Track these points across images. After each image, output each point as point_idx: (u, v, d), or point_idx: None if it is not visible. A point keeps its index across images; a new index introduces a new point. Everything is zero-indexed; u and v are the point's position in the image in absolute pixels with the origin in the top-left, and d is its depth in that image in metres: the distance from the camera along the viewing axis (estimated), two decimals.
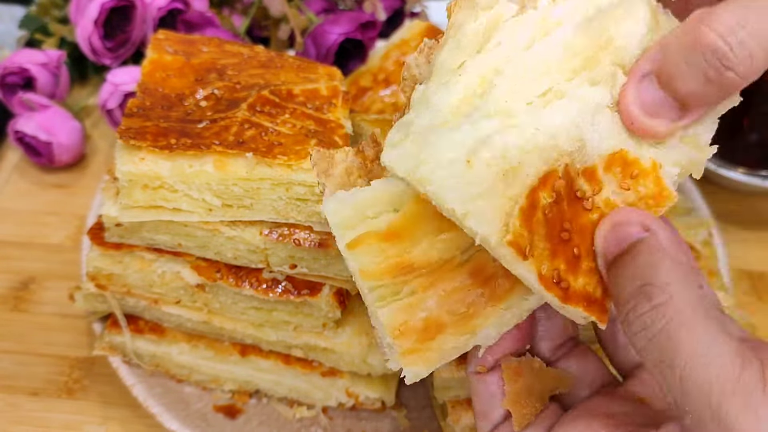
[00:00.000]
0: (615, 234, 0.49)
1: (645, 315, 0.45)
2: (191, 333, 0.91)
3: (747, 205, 1.22)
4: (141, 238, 0.82)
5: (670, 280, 0.45)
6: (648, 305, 0.45)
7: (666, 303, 0.44)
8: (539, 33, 0.50)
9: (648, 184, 0.50)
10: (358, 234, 0.50)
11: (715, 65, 0.47)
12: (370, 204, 0.50)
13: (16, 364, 0.98)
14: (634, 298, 0.46)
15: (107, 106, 1.20)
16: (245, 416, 0.91)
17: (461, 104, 0.48)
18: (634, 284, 0.46)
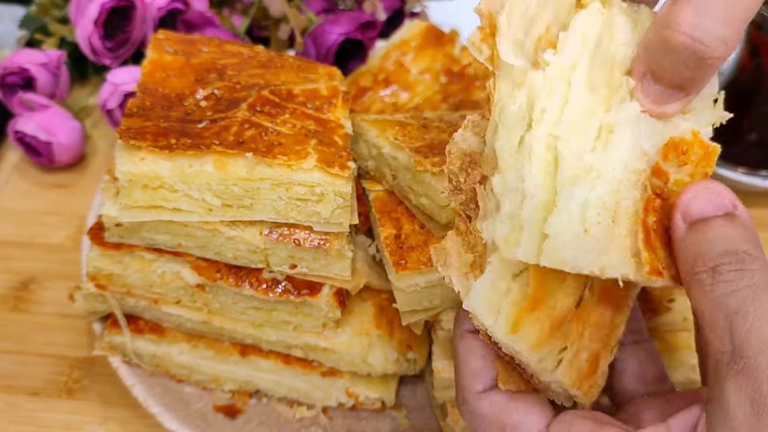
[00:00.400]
0: (712, 198, 0.53)
1: (736, 272, 0.49)
2: (191, 333, 0.91)
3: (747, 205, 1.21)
4: (141, 238, 0.82)
5: (760, 255, 0.50)
6: (741, 265, 0.49)
7: (758, 270, 0.49)
8: (565, 86, 0.54)
9: (697, 151, 0.55)
10: (506, 316, 0.54)
11: (693, 59, 0.51)
12: (498, 285, 0.54)
13: (16, 364, 0.98)
14: (729, 256, 0.50)
15: (107, 106, 1.20)
16: (245, 416, 0.91)
17: (546, 181, 0.52)
18: (729, 245, 0.50)
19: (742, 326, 0.47)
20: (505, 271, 0.54)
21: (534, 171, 0.52)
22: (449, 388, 0.84)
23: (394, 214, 0.87)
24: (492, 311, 0.54)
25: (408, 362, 0.90)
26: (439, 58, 1.11)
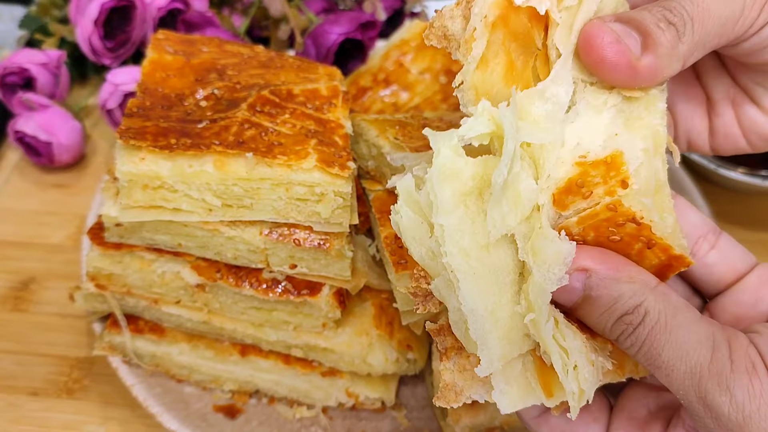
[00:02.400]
0: (563, 290, 0.52)
1: (630, 336, 0.52)
2: (191, 333, 0.91)
3: (747, 205, 1.22)
4: (141, 238, 0.82)
5: (636, 301, 0.51)
6: (630, 328, 0.51)
7: (643, 322, 0.51)
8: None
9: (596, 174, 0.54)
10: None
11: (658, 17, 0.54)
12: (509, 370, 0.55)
13: (16, 364, 0.98)
14: (617, 329, 0.52)
15: (107, 106, 1.20)
16: (245, 416, 0.91)
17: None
18: (610, 320, 0.52)
19: (662, 377, 0.51)
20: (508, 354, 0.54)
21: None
22: None
23: None
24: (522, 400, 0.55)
25: (408, 362, 0.90)
26: (438, 57, 1.11)
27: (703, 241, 0.60)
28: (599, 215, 0.53)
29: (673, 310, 0.51)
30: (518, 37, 0.55)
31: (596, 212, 0.53)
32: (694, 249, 0.59)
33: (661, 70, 0.54)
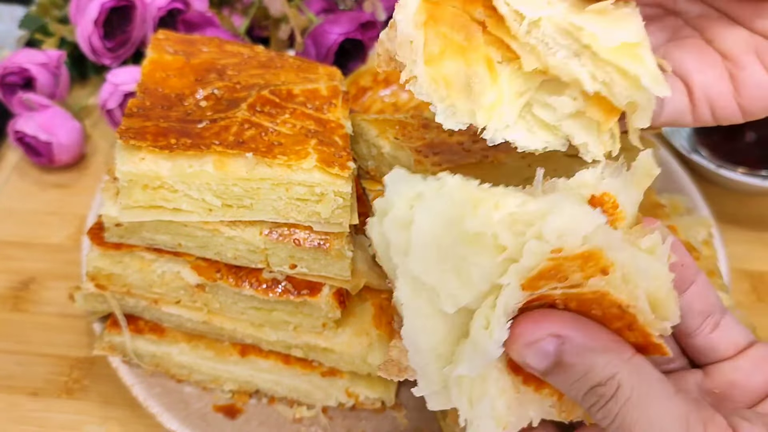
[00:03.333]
0: (533, 354, 0.50)
1: (602, 409, 0.49)
2: (191, 333, 0.91)
3: (747, 205, 1.22)
4: (141, 238, 0.82)
5: (609, 373, 0.49)
6: (602, 401, 0.49)
7: (615, 395, 0.48)
8: None
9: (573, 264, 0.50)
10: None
11: None
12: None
13: (16, 364, 0.98)
14: (589, 399, 0.50)
15: (107, 106, 1.20)
16: (245, 416, 0.91)
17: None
18: (582, 390, 0.50)
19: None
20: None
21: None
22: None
23: None
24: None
25: None
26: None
27: (710, 319, 0.57)
28: (583, 296, 0.50)
29: (648, 385, 0.49)
30: (454, 23, 0.54)
31: (580, 293, 0.49)
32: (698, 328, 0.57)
33: None
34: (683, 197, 1.07)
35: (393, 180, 0.51)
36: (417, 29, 0.54)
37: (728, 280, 0.97)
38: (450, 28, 0.54)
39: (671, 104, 0.62)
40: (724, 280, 0.95)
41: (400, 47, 0.55)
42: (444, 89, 0.53)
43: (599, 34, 0.52)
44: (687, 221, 1.01)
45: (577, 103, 0.54)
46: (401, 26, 0.55)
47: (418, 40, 0.53)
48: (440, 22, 0.54)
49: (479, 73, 0.53)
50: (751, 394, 0.55)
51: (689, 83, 0.63)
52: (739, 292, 1.10)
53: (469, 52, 0.54)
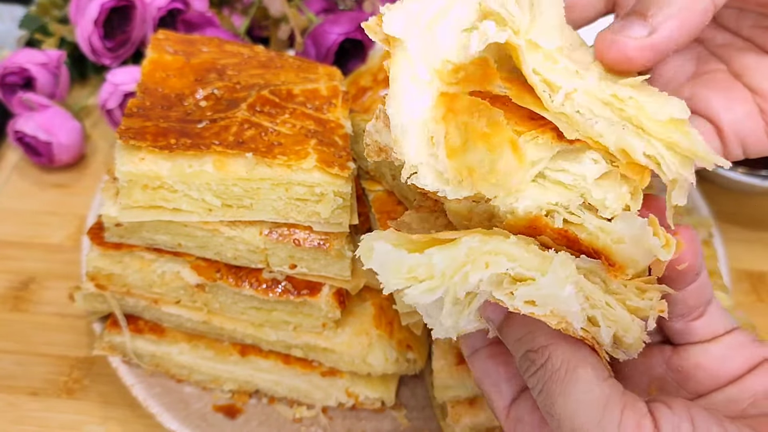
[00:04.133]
0: (491, 307, 0.53)
1: (532, 376, 0.51)
2: (191, 333, 0.91)
3: (747, 205, 1.22)
4: (141, 238, 0.82)
5: (544, 342, 0.51)
6: (533, 367, 0.51)
7: (545, 364, 0.50)
8: None
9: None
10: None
11: None
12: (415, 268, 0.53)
13: (16, 364, 0.98)
14: (523, 363, 0.52)
15: (107, 106, 1.20)
16: (245, 416, 0.91)
17: None
18: (519, 351, 0.52)
19: (553, 424, 0.50)
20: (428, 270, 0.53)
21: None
22: (449, 388, 0.84)
23: (393, 214, 0.87)
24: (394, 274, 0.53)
25: (408, 362, 0.90)
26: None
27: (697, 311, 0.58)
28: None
29: (577, 363, 0.49)
30: (474, 111, 0.53)
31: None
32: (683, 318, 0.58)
33: (681, 22, 0.53)
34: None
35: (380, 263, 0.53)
36: (437, 124, 0.53)
37: (728, 280, 0.97)
38: (470, 116, 0.53)
39: None
40: (724, 280, 0.95)
41: (398, 143, 0.54)
42: (468, 179, 0.52)
43: (647, 107, 0.52)
44: (687, 221, 1.01)
45: (601, 166, 0.53)
46: (401, 123, 0.54)
47: (439, 134, 0.52)
48: (460, 113, 0.53)
49: (505, 157, 0.53)
50: (715, 378, 0.55)
51: (718, 123, 0.63)
52: (739, 292, 1.10)
53: (492, 137, 0.53)
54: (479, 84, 0.54)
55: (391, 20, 0.55)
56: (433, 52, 0.56)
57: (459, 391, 0.84)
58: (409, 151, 0.54)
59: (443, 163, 0.52)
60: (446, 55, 0.56)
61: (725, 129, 0.63)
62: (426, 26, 0.56)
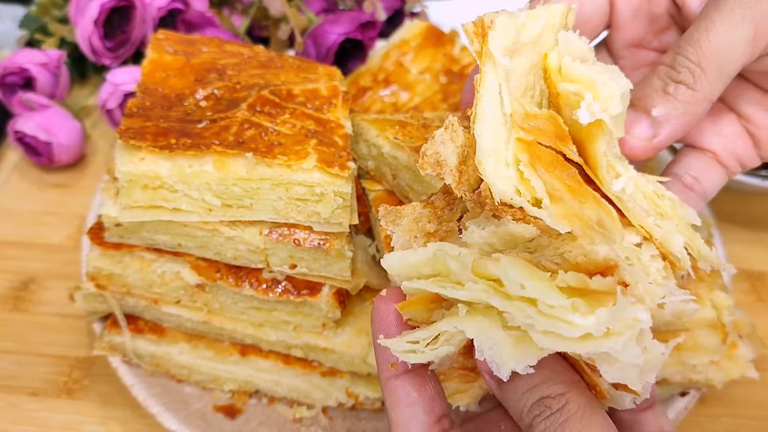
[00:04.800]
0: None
1: (545, 420, 0.51)
2: (191, 333, 0.91)
3: (747, 205, 1.22)
4: (141, 238, 0.82)
5: (561, 390, 0.52)
6: (547, 412, 0.51)
7: (561, 409, 0.51)
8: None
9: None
10: (410, 290, 0.55)
11: (665, 80, 0.58)
12: (423, 265, 0.54)
13: (16, 364, 0.98)
14: (536, 409, 0.52)
15: (107, 106, 1.20)
16: (245, 416, 0.91)
17: None
18: (532, 398, 0.52)
19: None
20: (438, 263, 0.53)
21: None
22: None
23: None
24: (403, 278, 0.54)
25: None
26: (439, 57, 1.11)
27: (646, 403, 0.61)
28: None
29: (592, 409, 0.51)
30: (554, 164, 0.56)
31: None
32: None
33: (681, 125, 0.59)
34: None
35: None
36: (531, 171, 0.53)
37: (728, 280, 0.97)
38: (553, 168, 0.55)
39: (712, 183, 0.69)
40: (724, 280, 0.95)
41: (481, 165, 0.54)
42: (578, 225, 0.52)
43: (678, 210, 0.59)
44: None
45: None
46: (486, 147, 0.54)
47: (538, 184, 0.53)
48: (542, 163, 0.54)
49: (602, 212, 0.55)
50: None
51: (713, 150, 0.68)
52: (739, 292, 1.10)
53: (579, 193, 0.55)
54: (552, 140, 0.56)
55: (496, 38, 0.54)
56: (513, 88, 0.57)
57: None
58: (491, 174, 0.54)
59: (550, 208, 0.52)
60: (519, 94, 0.57)
61: (720, 154, 0.68)
62: (516, 55, 0.57)
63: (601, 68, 0.57)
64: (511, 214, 0.52)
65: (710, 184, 0.68)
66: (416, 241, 0.57)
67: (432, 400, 0.56)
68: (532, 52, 0.58)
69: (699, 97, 0.58)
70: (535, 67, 0.58)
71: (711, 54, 0.57)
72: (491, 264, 0.49)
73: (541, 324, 0.47)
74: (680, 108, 0.58)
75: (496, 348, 0.49)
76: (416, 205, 0.59)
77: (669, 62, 0.59)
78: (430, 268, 0.53)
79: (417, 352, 0.53)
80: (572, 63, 0.57)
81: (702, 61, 0.57)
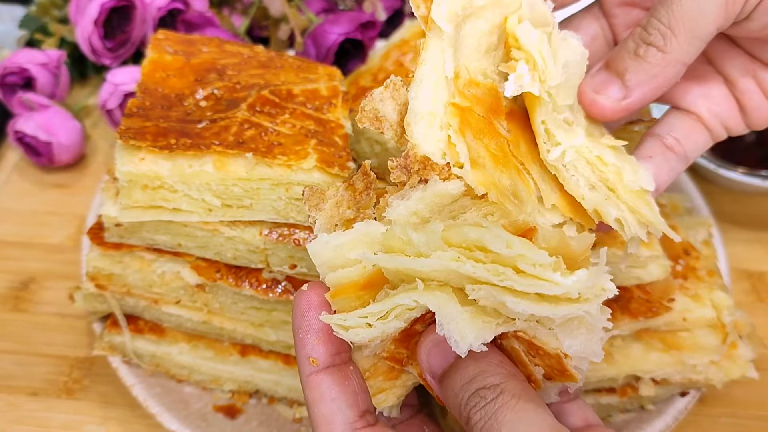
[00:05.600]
0: (439, 351, 0.55)
1: (480, 410, 0.51)
2: (191, 333, 0.91)
3: (747, 205, 1.22)
4: (141, 238, 0.82)
5: (497, 381, 0.52)
6: (483, 402, 0.52)
7: (497, 396, 0.51)
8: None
9: (552, 363, 0.54)
10: (338, 280, 0.54)
11: (637, 42, 0.58)
12: (350, 247, 0.54)
13: (16, 364, 0.98)
14: (472, 400, 0.52)
15: (107, 106, 1.20)
16: (245, 416, 0.91)
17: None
18: (469, 390, 0.53)
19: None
20: (363, 243, 0.54)
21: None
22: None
23: None
24: (329, 267, 0.54)
25: None
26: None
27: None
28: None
29: (528, 397, 0.51)
30: (484, 132, 0.57)
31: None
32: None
33: (652, 88, 0.59)
34: (683, 197, 1.07)
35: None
36: (457, 136, 0.54)
37: (728, 280, 0.97)
38: (482, 135, 0.56)
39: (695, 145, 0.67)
40: (724, 280, 0.95)
41: (409, 126, 0.55)
42: (494, 192, 0.54)
43: (624, 175, 0.58)
44: (687, 221, 1.01)
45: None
46: (419, 109, 0.55)
47: (462, 146, 0.54)
48: (472, 129, 0.56)
49: (520, 183, 0.57)
50: None
51: (698, 112, 0.67)
52: (739, 292, 1.10)
53: (502, 163, 0.56)
54: (486, 112, 0.57)
55: (441, 3, 0.56)
56: (458, 52, 0.57)
57: None
58: (419, 137, 0.55)
59: (469, 174, 0.54)
60: (466, 61, 0.58)
61: (705, 117, 0.67)
62: (461, 23, 0.57)
63: (555, 37, 0.58)
64: (438, 172, 0.54)
65: (692, 146, 0.66)
66: (337, 229, 0.57)
67: (355, 395, 0.56)
68: (494, 13, 0.59)
69: (670, 59, 0.58)
70: (498, 27, 0.59)
71: (682, 16, 0.56)
72: (467, 228, 0.50)
73: (520, 284, 0.48)
74: (650, 70, 0.58)
75: (455, 323, 0.50)
76: (339, 186, 0.59)
77: (643, 24, 0.59)
78: (381, 245, 0.54)
79: (366, 327, 0.53)
80: (522, 30, 0.58)
81: (673, 24, 0.57)
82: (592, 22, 0.71)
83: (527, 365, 0.55)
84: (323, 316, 0.55)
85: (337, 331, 0.54)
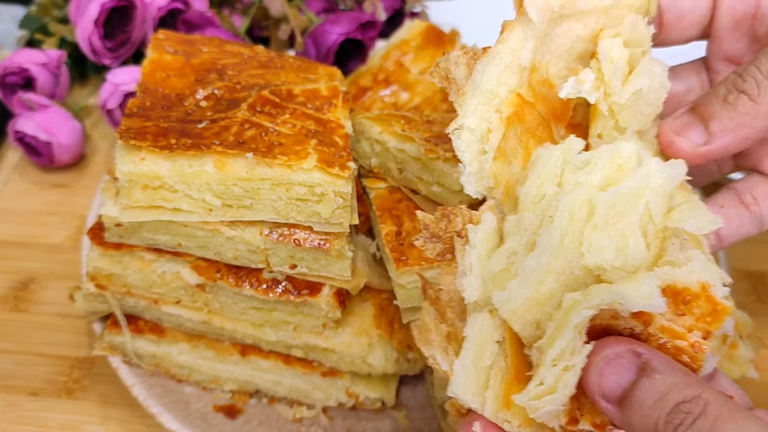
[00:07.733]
0: (615, 369, 0.49)
1: (692, 426, 0.46)
2: (191, 333, 0.91)
3: None
4: (141, 238, 0.82)
5: (695, 392, 0.47)
6: (689, 418, 0.46)
7: (704, 412, 0.46)
8: (611, 178, 0.52)
9: (702, 305, 0.52)
10: (496, 394, 0.52)
11: (729, 88, 0.55)
12: (479, 357, 0.52)
13: (16, 364, 0.98)
14: (675, 418, 0.47)
15: (107, 106, 1.20)
16: (245, 416, 0.91)
17: (564, 242, 0.51)
18: (665, 408, 0.47)
19: None
20: (487, 344, 0.52)
21: (555, 231, 0.50)
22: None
23: (394, 212, 0.88)
24: (478, 393, 0.52)
25: (408, 362, 0.90)
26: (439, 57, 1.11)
27: None
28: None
29: (731, 404, 0.47)
30: (534, 132, 0.55)
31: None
32: None
33: (737, 139, 0.56)
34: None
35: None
36: (501, 123, 0.54)
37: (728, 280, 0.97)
38: (531, 135, 0.55)
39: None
40: None
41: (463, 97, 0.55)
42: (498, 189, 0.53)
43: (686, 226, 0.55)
44: None
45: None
46: (480, 84, 0.55)
47: (497, 134, 0.53)
48: (522, 124, 0.55)
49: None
50: None
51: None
52: (739, 292, 1.10)
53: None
54: (548, 114, 0.57)
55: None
56: (544, 47, 0.57)
57: None
58: (468, 111, 0.55)
59: (488, 164, 0.53)
60: (549, 59, 0.58)
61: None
62: (557, 19, 0.57)
63: (641, 61, 0.57)
64: (461, 217, 0.54)
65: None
66: (449, 356, 0.55)
67: None
68: (597, 23, 0.58)
69: (760, 111, 0.54)
70: (597, 37, 0.58)
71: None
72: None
73: None
74: (738, 119, 0.55)
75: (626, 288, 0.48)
76: (426, 306, 0.58)
77: (739, 71, 0.56)
78: (501, 332, 0.52)
79: (548, 392, 0.50)
80: (607, 42, 0.57)
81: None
82: (692, 74, 0.69)
83: (680, 335, 0.51)
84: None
85: (530, 414, 0.50)
